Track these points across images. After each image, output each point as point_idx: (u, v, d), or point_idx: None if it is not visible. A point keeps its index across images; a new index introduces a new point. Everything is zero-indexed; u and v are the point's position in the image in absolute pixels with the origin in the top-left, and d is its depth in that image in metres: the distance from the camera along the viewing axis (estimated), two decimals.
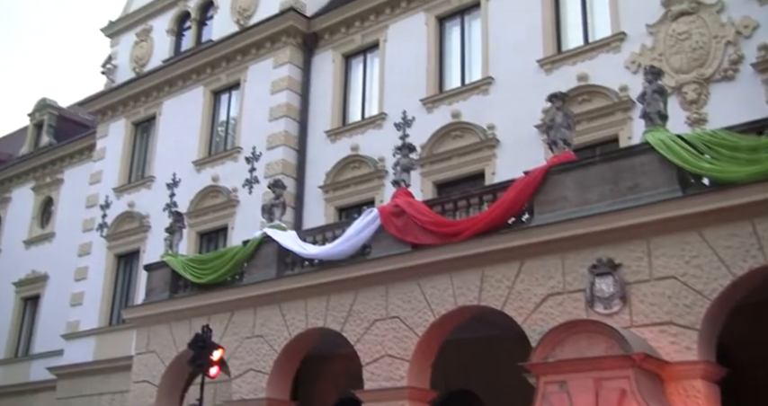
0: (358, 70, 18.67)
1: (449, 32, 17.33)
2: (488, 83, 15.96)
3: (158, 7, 22.81)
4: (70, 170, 24.98)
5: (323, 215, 17.42)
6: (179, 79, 21.29)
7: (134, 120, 22.44)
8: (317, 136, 18.45)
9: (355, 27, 18.53)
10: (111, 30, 24.02)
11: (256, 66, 19.69)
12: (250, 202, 18.33)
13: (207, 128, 20.42)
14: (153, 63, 22.35)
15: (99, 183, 22.45)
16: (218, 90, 20.57)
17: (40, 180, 25.91)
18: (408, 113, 16.86)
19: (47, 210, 25.52)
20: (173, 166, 20.50)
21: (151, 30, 22.92)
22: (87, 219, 22.23)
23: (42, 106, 27.46)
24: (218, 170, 19.54)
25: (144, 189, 21.18)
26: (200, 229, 19.42)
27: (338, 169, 17.67)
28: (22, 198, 26.35)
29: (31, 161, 26.33)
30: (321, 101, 18.69)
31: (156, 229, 19.78)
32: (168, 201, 20.18)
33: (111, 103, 22.85)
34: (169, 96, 21.57)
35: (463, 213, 11.91)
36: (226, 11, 21.01)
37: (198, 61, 20.77)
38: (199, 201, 19.59)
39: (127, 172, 22.02)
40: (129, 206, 21.23)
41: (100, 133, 23.30)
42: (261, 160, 18.64)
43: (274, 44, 19.35)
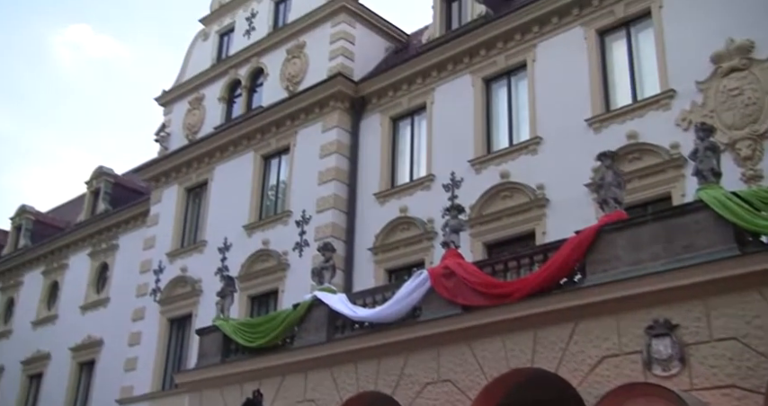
0: (406, 132, 18.85)
1: (495, 93, 17.46)
2: (537, 143, 15.95)
3: (210, 76, 23.48)
4: (125, 236, 25.45)
5: (372, 277, 17.38)
6: (230, 145, 21.74)
7: (186, 186, 22.89)
8: (365, 198, 18.56)
9: (402, 90, 18.79)
10: (165, 100, 24.75)
11: (305, 130, 20.03)
12: (300, 265, 18.40)
13: (257, 193, 20.72)
14: (205, 130, 22.90)
15: (153, 248, 22.81)
16: (269, 155, 20.93)
17: (97, 246, 26.44)
18: (457, 174, 16.89)
19: (102, 276, 25.94)
20: (224, 231, 20.77)
21: (203, 99, 23.55)
22: (141, 284, 22.53)
23: (99, 174, 28.23)
24: (268, 234, 19.73)
25: (196, 253, 21.45)
26: (251, 293, 19.51)
27: (387, 231, 17.69)
28: (79, 264, 26.87)
29: (87, 228, 26.94)
30: (369, 163, 18.86)
31: (208, 293, 19.95)
32: (220, 265, 20.38)
33: (165, 170, 23.38)
34: (220, 162, 22.01)
35: (514, 274, 11.77)
36: (275, 78, 21.53)
37: (248, 127, 21.22)
38: (250, 265, 19.74)
39: (179, 237, 22.36)
40: (181, 270, 21.49)
41: (153, 199, 23.79)
42: (310, 223, 18.79)
43: (323, 109, 19.70)
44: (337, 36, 20.35)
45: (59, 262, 27.72)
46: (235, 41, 23.50)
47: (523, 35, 16.94)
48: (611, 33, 15.91)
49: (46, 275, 28.12)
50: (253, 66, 22.37)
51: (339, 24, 20.47)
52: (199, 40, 24.77)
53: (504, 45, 17.23)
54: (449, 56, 17.96)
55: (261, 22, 22.77)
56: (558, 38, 16.47)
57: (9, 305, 29.42)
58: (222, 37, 24.19)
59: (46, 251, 28.37)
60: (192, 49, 24.85)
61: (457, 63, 17.92)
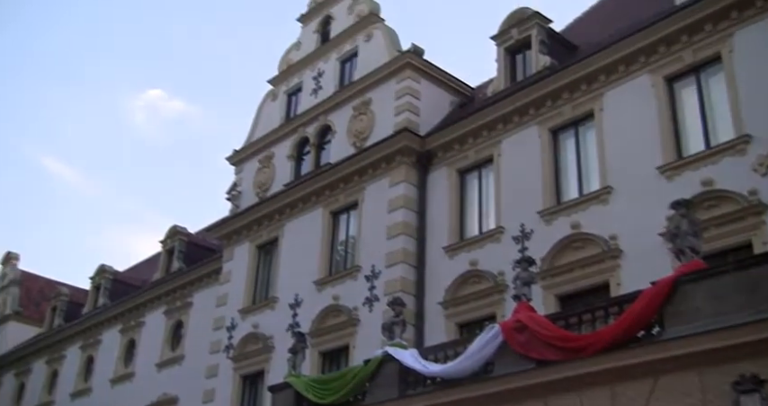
0: (473, 185, 18.79)
1: (563, 144, 17.30)
2: (607, 193, 15.67)
3: (279, 135, 23.96)
4: (199, 293, 25.84)
5: (443, 331, 17.16)
6: (299, 202, 22.01)
7: (257, 243, 23.18)
8: (435, 252, 18.46)
9: (469, 143, 18.80)
10: (236, 159, 25.31)
11: (373, 185, 20.17)
12: (370, 320, 18.32)
13: (327, 248, 20.83)
14: (275, 187, 23.27)
15: (225, 306, 23.07)
16: (337, 210, 21.10)
17: (171, 304, 26.89)
18: (526, 226, 16.70)
19: (177, 333, 26.31)
20: (295, 287, 20.89)
21: (273, 157, 23.99)
22: (214, 341, 22.74)
23: (173, 233, 28.90)
24: (338, 289, 19.76)
25: (268, 310, 21.59)
26: (323, 349, 19.47)
27: (457, 284, 17.51)
28: (154, 322, 27.34)
29: (163, 286, 27.47)
30: (438, 217, 18.82)
31: (280, 349, 20.00)
32: (291, 321, 20.45)
33: (236, 228, 23.77)
34: (290, 219, 22.27)
35: (588, 327, 11.47)
36: (342, 134, 21.83)
37: (317, 184, 21.48)
38: (320, 321, 19.75)
39: (251, 294, 22.56)
40: (253, 327, 21.62)
41: (226, 257, 24.14)
42: (380, 278, 18.75)
43: (390, 164, 19.83)
44: (402, 92, 20.59)
45: (136, 320, 28.26)
46: (302, 100, 24.00)
47: (590, 84, 16.83)
48: (680, 79, 15.66)
49: (123, 333, 28.67)
50: (320, 124, 22.75)
51: (404, 80, 20.71)
52: (268, 100, 25.38)
53: (570, 95, 17.14)
54: (515, 107, 17.95)
55: (327, 81, 23.23)
56: (625, 86, 16.30)
57: (88, 363, 30.02)
58: (290, 96, 24.74)
59: (123, 309, 28.99)
60: (261, 109, 25.47)
61: (523, 114, 17.88)
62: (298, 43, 25.33)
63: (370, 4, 23.08)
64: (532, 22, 19.03)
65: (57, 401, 30.72)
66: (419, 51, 21.03)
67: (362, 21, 22.82)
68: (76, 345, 31.04)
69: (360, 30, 22.83)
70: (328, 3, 24.56)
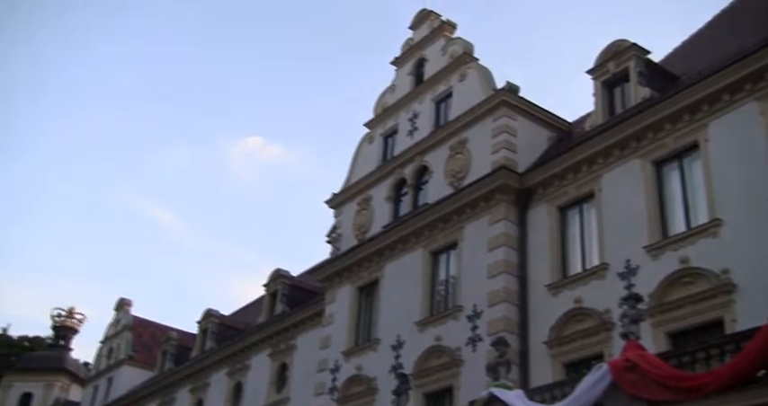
0: (575, 221, 18.45)
1: (667, 176, 16.82)
2: (717, 225, 15.09)
3: (377, 177, 24.22)
4: (302, 336, 26.14)
5: (549, 371, 16.75)
6: (399, 243, 22.10)
7: (358, 285, 23.35)
8: (537, 290, 18.14)
9: (568, 179, 18.53)
10: (335, 202, 25.70)
11: (472, 224, 20.07)
12: (474, 361, 18.08)
13: (427, 289, 20.78)
14: (374, 229, 23.46)
15: (328, 348, 23.23)
16: (437, 250, 21.06)
17: (276, 346, 27.28)
18: (632, 262, 16.23)
19: (282, 375, 26.62)
20: (397, 328, 20.88)
21: (371, 199, 24.24)
22: (319, 383, 22.89)
23: (276, 276, 29.46)
24: (440, 329, 19.62)
25: (370, 351, 21.62)
26: (426, 390, 19.30)
27: (562, 323, 17.11)
28: (260, 364, 27.78)
29: (267, 329, 27.93)
30: (539, 254, 18.53)
31: (384, 391, 19.94)
32: (394, 363, 20.39)
33: (337, 270, 24.02)
34: (390, 260, 22.36)
35: (702, 366, 10.99)
36: (440, 175, 21.88)
37: (416, 225, 21.54)
38: (423, 362, 19.61)
39: (354, 336, 22.67)
40: (356, 369, 21.67)
41: (328, 299, 24.40)
42: (482, 317, 18.54)
43: (488, 202, 19.72)
44: (499, 130, 20.53)
45: (242, 363, 28.78)
46: (399, 142, 24.24)
47: (693, 115, 16.37)
48: None
49: (230, 376, 29.22)
50: (417, 165, 22.90)
51: (500, 118, 20.67)
52: (365, 143, 25.75)
53: (672, 126, 16.70)
54: (615, 141, 17.61)
55: (423, 122, 23.42)
56: (731, 115, 15.78)
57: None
58: (386, 139, 25.04)
59: (229, 352, 29.60)
60: (358, 152, 25.85)
61: (624, 148, 17.52)
62: (392, 86, 25.70)
63: (463, 44, 23.26)
64: (630, 53, 18.74)
65: None
66: (514, 89, 21.00)
67: (456, 61, 22.99)
68: (186, 388, 31.82)
69: (454, 71, 23.00)
70: (422, 45, 24.89)
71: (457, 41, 23.59)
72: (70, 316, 51.22)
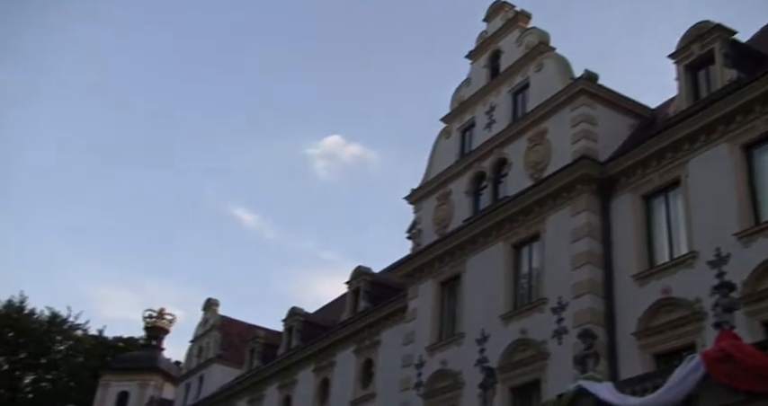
0: (660, 209, 18.00)
1: (758, 159, 16.23)
2: None
3: (455, 171, 24.14)
4: (386, 331, 26.28)
5: (639, 363, 16.37)
6: (480, 237, 21.98)
7: (440, 280, 23.33)
8: (623, 280, 17.78)
9: (652, 167, 18.09)
10: (414, 198, 25.72)
11: (554, 216, 19.81)
12: (561, 354, 17.85)
13: (510, 282, 20.62)
14: (454, 223, 23.39)
15: (413, 343, 23.28)
16: (519, 243, 20.87)
17: (360, 343, 27.50)
18: (722, 249, 15.73)
19: (368, 371, 26.82)
20: (480, 322, 20.78)
21: (450, 194, 24.18)
22: (404, 378, 22.96)
23: (358, 274, 29.72)
24: (525, 322, 19.44)
25: (455, 346, 21.57)
26: (512, 384, 19.15)
27: (650, 313, 16.72)
28: (345, 361, 28.06)
29: (351, 326, 28.19)
30: (624, 244, 18.15)
31: (469, 385, 19.89)
32: (479, 357, 20.30)
33: (419, 266, 24.05)
34: (472, 254, 22.26)
35: None
36: (519, 167, 21.66)
37: (496, 218, 21.38)
38: (508, 355, 19.47)
39: (437, 331, 22.66)
40: (441, 363, 21.66)
41: (410, 294, 24.45)
42: (567, 309, 18.28)
43: (570, 193, 19.42)
44: (578, 119, 20.20)
45: (328, 360, 29.12)
46: (476, 136, 24.10)
47: None
48: None
49: (317, 372, 29.62)
50: (496, 158, 22.72)
51: (579, 107, 20.33)
52: (442, 139, 25.70)
53: (762, 108, 16.11)
54: (701, 126, 17.11)
55: (500, 114, 23.23)
56: None
57: (286, 403, 31.19)
58: (464, 133, 24.93)
59: (315, 349, 29.99)
60: (436, 148, 25.81)
61: (711, 132, 17.00)
62: (468, 80, 25.57)
63: (539, 34, 22.96)
64: (714, 35, 18.17)
65: None
66: (593, 77, 20.61)
67: (532, 51, 22.72)
68: (274, 385, 32.39)
69: (530, 61, 22.73)
70: (496, 37, 24.68)
71: (532, 31, 23.29)
72: (161, 317, 52.75)
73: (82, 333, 60.78)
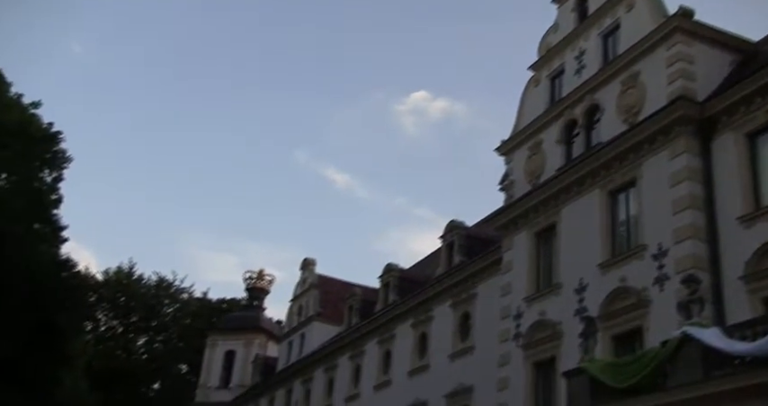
0: (766, 147, 17.21)
1: None
2: None
3: (546, 120, 23.67)
4: (482, 284, 26.25)
5: (747, 308, 15.82)
6: (574, 185, 21.58)
7: (535, 231, 23.07)
8: (727, 223, 17.16)
9: (756, 104, 17.27)
10: (505, 149, 25.39)
11: (651, 160, 19.23)
12: (663, 301, 17.44)
13: (607, 230, 20.21)
14: (547, 173, 23.02)
15: (510, 295, 23.21)
16: (615, 190, 20.39)
17: (457, 296, 27.58)
18: None
19: (465, 324, 26.93)
20: (578, 271, 20.50)
21: (541, 143, 23.76)
22: (503, 330, 22.96)
23: (451, 228, 29.70)
24: (624, 270, 19.06)
25: (552, 296, 21.40)
26: (614, 332, 18.86)
27: (759, 256, 16.08)
28: (442, 315, 28.22)
29: (446, 280, 28.28)
30: (727, 186, 17.48)
31: (569, 335, 19.75)
32: (577, 307, 20.08)
33: (512, 217, 23.84)
34: (566, 203, 21.90)
35: None
36: (612, 112, 21.05)
37: (590, 165, 20.92)
38: (608, 304, 19.16)
39: (534, 282, 22.50)
40: (540, 314, 21.54)
41: (505, 246, 24.31)
42: (668, 255, 17.81)
43: (667, 136, 18.79)
44: (674, 58, 19.41)
45: (425, 315, 29.36)
46: (566, 82, 23.51)
47: None
48: None
49: (415, 327, 29.92)
50: (588, 104, 22.14)
51: (674, 46, 19.51)
52: (531, 87, 25.19)
53: None
54: None
55: (590, 59, 22.55)
56: None
57: (386, 357, 31.71)
58: (553, 80, 24.35)
59: (412, 304, 30.25)
60: (525, 97, 25.34)
61: None
62: (555, 25, 24.88)
63: None
64: None
65: (362, 394, 32.78)
66: (688, 13, 19.69)
67: None
68: (374, 341, 32.93)
69: (620, 2, 21.89)
70: None
71: None
72: (260, 278, 54.21)
73: (188, 296, 63.39)
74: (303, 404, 38.45)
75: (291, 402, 40.02)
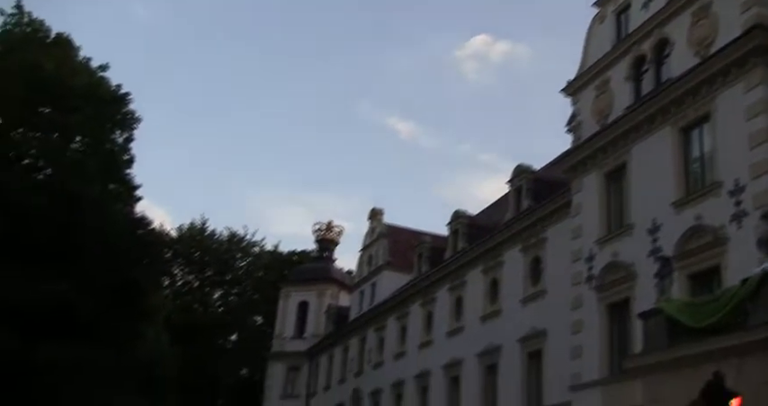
0: None
1: None
2: None
3: (613, 57, 23.02)
4: (552, 228, 26.03)
5: None
6: (644, 123, 21.04)
7: (605, 171, 22.66)
8: None
9: None
10: (571, 89, 24.82)
11: (725, 94, 18.57)
12: (741, 238, 16.99)
13: (680, 167, 19.72)
14: (615, 112, 22.48)
15: (580, 237, 22.96)
16: (687, 126, 19.81)
17: (527, 241, 27.43)
18: None
19: (536, 269, 26.82)
20: (650, 211, 20.12)
21: (609, 81, 23.15)
22: (575, 273, 22.79)
23: (519, 172, 29.43)
24: (699, 208, 18.62)
25: (625, 237, 21.08)
26: (690, 271, 18.53)
27: None
28: (513, 260, 28.14)
29: (515, 225, 28.12)
30: None
31: (643, 276, 19.51)
32: (651, 247, 19.75)
33: (581, 159, 23.44)
34: (636, 142, 21.40)
35: None
36: (682, 45, 20.33)
37: (661, 102, 20.33)
38: (684, 243, 18.78)
39: (605, 223, 22.17)
40: (612, 256, 21.27)
41: (574, 189, 23.97)
42: (746, 191, 17.29)
43: (742, 67, 18.07)
44: None
45: (495, 260, 29.32)
46: (632, 17, 22.75)
47: None
48: None
49: (485, 273, 29.93)
50: (656, 39, 21.41)
51: None
52: (596, 24, 24.47)
53: None
54: None
55: None
56: None
57: (458, 304, 31.89)
58: (619, 15, 23.59)
59: (482, 250, 30.23)
60: (590, 34, 24.64)
61: None
62: None
63: None
64: None
65: (435, 340, 33.13)
66: None
67: None
68: (444, 288, 33.10)
69: None
70: None
71: None
72: (329, 229, 54.74)
73: (259, 250, 64.61)
74: (377, 352, 39.12)
75: (365, 350, 40.74)
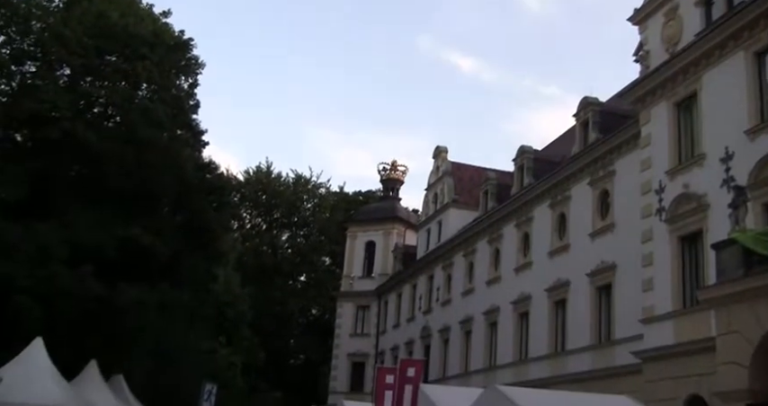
0: None
1: None
2: None
3: None
4: (620, 160, 25.67)
5: None
6: (715, 49, 20.37)
7: (675, 101, 22.10)
8: None
9: None
10: (638, 17, 24.08)
11: None
12: None
13: (755, 94, 19.10)
14: (685, 39, 21.78)
15: (650, 169, 22.58)
16: (762, 51, 19.10)
17: (594, 174, 27.14)
18: None
19: (605, 202, 26.58)
20: (723, 140, 19.63)
21: (678, 8, 22.38)
22: (645, 206, 22.50)
23: (585, 105, 28.93)
24: None
25: (696, 167, 20.67)
26: (765, 200, 18.11)
27: None
28: (580, 194, 27.92)
29: (582, 158, 27.80)
30: None
31: (716, 207, 19.16)
32: (724, 177, 19.34)
33: (650, 89, 22.88)
34: (707, 69, 20.76)
35: None
36: None
37: (733, 26, 19.61)
38: (759, 172, 18.33)
39: (676, 154, 21.75)
40: (683, 187, 20.91)
41: (642, 120, 23.48)
42: None
43: None
44: None
45: (563, 194, 29.14)
46: None
47: None
48: None
49: (552, 208, 29.80)
50: None
51: None
52: None
53: None
54: None
55: None
56: None
57: (525, 240, 31.90)
58: None
59: (549, 185, 30.05)
60: None
61: None
62: None
63: None
64: None
65: (502, 276, 33.31)
66: None
67: None
68: (511, 223, 33.10)
69: None
70: None
71: None
72: (394, 169, 54.96)
73: (325, 191, 65.46)
74: (445, 289, 39.57)
75: (433, 288, 41.25)
